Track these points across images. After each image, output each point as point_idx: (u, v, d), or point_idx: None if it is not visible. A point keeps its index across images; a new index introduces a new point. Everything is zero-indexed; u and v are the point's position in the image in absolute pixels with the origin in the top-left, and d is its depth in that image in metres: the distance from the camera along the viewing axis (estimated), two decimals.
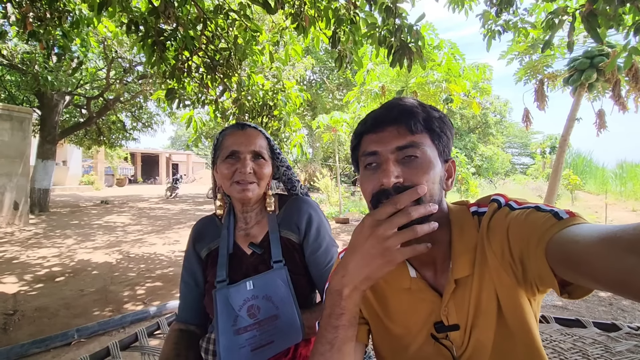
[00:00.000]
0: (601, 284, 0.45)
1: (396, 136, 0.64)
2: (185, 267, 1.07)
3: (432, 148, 0.65)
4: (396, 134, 0.64)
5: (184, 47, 2.91)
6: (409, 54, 2.42)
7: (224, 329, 0.88)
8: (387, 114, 0.66)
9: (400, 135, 0.64)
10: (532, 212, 0.59)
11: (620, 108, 6.63)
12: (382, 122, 0.66)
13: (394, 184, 0.61)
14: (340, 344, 0.63)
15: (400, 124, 0.64)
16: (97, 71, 10.46)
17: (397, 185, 0.61)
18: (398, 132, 0.64)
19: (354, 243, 0.62)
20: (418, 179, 0.61)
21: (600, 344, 1.21)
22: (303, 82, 16.30)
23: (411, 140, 0.63)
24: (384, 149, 0.64)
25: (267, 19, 6.32)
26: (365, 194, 0.67)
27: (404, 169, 0.62)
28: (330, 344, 0.63)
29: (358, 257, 0.60)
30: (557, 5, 4.15)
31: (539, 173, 19.15)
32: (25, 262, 4.66)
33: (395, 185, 0.61)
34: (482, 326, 0.64)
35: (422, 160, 0.63)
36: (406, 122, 0.64)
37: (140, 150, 29.18)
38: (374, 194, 0.64)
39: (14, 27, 3.41)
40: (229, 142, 0.97)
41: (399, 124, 0.64)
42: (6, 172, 7.30)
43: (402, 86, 8.05)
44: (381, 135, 0.65)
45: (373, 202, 0.64)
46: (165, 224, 8.22)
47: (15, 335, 2.62)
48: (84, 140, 13.36)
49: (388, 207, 0.58)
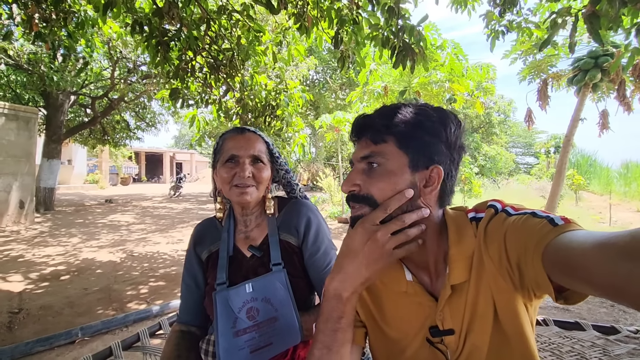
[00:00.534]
0: (596, 289, 0.46)
1: (363, 147, 0.69)
2: (186, 269, 1.08)
3: (398, 156, 0.65)
4: (364, 144, 0.69)
5: (187, 47, 2.93)
6: (412, 55, 2.42)
7: (224, 331, 0.89)
8: (353, 128, 0.72)
9: (365, 146, 0.68)
10: (529, 218, 0.59)
11: (625, 109, 6.57)
12: (354, 134, 0.72)
13: (349, 191, 0.68)
14: (339, 347, 0.64)
15: (365, 136, 0.69)
16: (102, 71, 10.53)
17: (353, 193, 0.67)
18: (365, 142, 0.69)
19: (352, 247, 0.64)
20: (371, 187, 0.66)
21: (599, 347, 1.21)
22: (306, 82, 16.30)
23: (371, 150, 0.67)
24: (354, 158, 0.70)
25: (270, 19, 6.33)
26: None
27: (365, 177, 0.67)
28: (327, 348, 0.64)
29: (358, 261, 0.63)
30: (561, 5, 4.14)
31: (543, 173, 19.03)
32: (30, 260, 4.71)
33: (350, 192, 0.68)
34: (477, 331, 0.65)
35: (381, 169, 0.66)
36: (367, 134, 0.68)
37: (144, 149, 29.32)
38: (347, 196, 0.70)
39: (19, 27, 3.45)
40: (229, 146, 0.99)
41: (365, 136, 0.69)
42: (12, 171, 7.37)
43: (404, 86, 8.03)
44: (356, 146, 0.71)
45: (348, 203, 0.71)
46: (169, 223, 8.27)
47: (20, 333, 2.66)
48: (89, 140, 13.46)
49: (379, 212, 0.63)
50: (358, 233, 0.64)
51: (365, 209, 0.66)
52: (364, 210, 0.66)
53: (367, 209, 0.65)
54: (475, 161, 20.44)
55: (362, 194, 0.66)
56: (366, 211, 0.65)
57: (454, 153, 0.68)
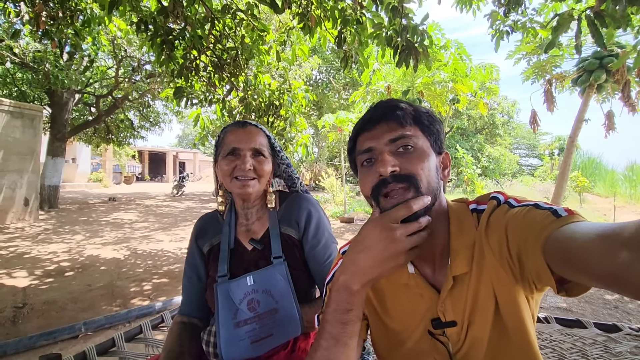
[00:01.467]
0: (597, 279, 0.46)
1: (387, 131, 0.67)
2: (188, 262, 1.09)
3: (423, 139, 0.68)
4: (387, 129, 0.67)
5: (192, 46, 2.95)
6: (415, 54, 2.42)
7: (225, 322, 0.90)
8: (375, 113, 0.70)
9: (391, 129, 0.67)
10: (531, 210, 0.59)
11: (629, 109, 6.53)
12: (372, 121, 0.69)
13: (391, 172, 0.64)
14: (347, 339, 0.64)
15: (389, 120, 0.68)
16: (107, 70, 10.59)
17: (395, 174, 0.64)
18: (389, 127, 0.67)
19: (366, 242, 0.63)
20: (414, 167, 0.64)
21: (600, 345, 1.21)
22: (309, 82, 16.30)
23: (402, 132, 0.66)
24: (378, 143, 0.67)
25: (274, 19, 6.35)
26: (365, 190, 0.69)
27: (400, 159, 0.65)
28: (335, 339, 0.64)
29: (372, 257, 0.62)
30: (566, 6, 4.12)
31: (547, 175, 18.92)
32: (35, 257, 4.74)
33: (393, 173, 0.64)
34: (478, 323, 0.65)
35: (415, 149, 0.66)
36: (394, 117, 0.67)
37: (147, 148, 29.47)
38: (373, 186, 0.66)
39: (27, 26, 3.49)
40: (230, 139, 1.00)
41: (388, 120, 0.68)
42: (17, 169, 7.43)
43: (408, 86, 8.02)
44: (373, 133, 0.68)
45: (373, 195, 0.67)
46: (172, 222, 8.30)
47: (24, 327, 2.68)
48: (93, 138, 13.54)
49: (401, 210, 0.61)
50: (377, 229, 0.62)
51: (411, 191, 0.63)
52: (410, 193, 0.63)
53: (413, 191, 0.63)
54: (479, 162, 20.36)
55: (404, 174, 0.64)
56: (411, 194, 0.63)
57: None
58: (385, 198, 0.65)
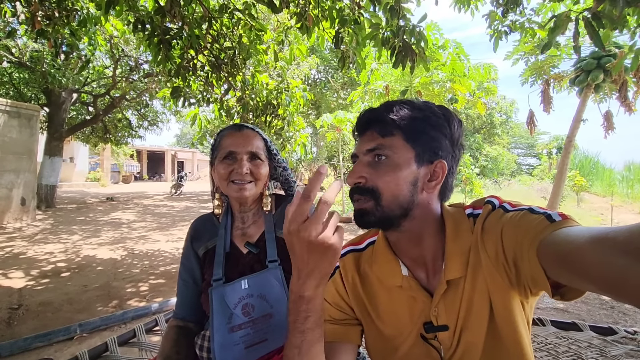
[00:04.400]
0: (594, 284, 0.46)
1: (368, 140, 0.69)
2: (183, 265, 1.08)
3: (404, 150, 0.66)
4: (368, 138, 0.69)
5: (189, 45, 2.94)
6: (412, 56, 2.42)
7: (219, 327, 0.89)
8: (360, 121, 0.72)
9: (370, 139, 0.68)
10: (526, 214, 0.59)
11: (626, 110, 6.55)
12: (360, 128, 0.72)
13: (354, 183, 0.67)
14: (308, 347, 0.61)
15: (371, 129, 0.69)
16: (104, 69, 10.55)
17: (359, 186, 0.67)
18: (370, 136, 0.69)
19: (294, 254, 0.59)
20: (378, 179, 0.66)
21: (596, 348, 1.20)
22: (307, 81, 16.29)
23: (379, 143, 0.67)
24: (359, 151, 0.70)
25: (272, 19, 6.33)
26: None
27: (371, 170, 0.67)
28: (297, 348, 0.61)
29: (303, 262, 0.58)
30: (564, 6, 4.12)
31: (545, 174, 18.97)
32: (31, 257, 4.72)
33: (357, 185, 0.67)
34: (472, 328, 0.65)
35: (388, 161, 0.66)
36: (374, 126, 0.68)
37: (146, 147, 29.38)
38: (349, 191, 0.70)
39: (23, 25, 3.46)
40: (227, 143, 0.99)
41: (370, 129, 0.69)
42: (14, 169, 7.39)
43: (406, 86, 8.02)
44: (360, 140, 0.71)
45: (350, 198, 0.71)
46: (170, 221, 8.28)
47: (19, 329, 2.67)
48: (91, 138, 13.48)
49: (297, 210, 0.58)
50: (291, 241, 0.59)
51: (370, 202, 0.65)
52: (369, 205, 0.65)
53: (372, 202, 0.65)
54: (477, 162, 20.40)
55: (367, 186, 0.66)
56: (370, 205, 0.65)
57: (455, 150, 0.70)
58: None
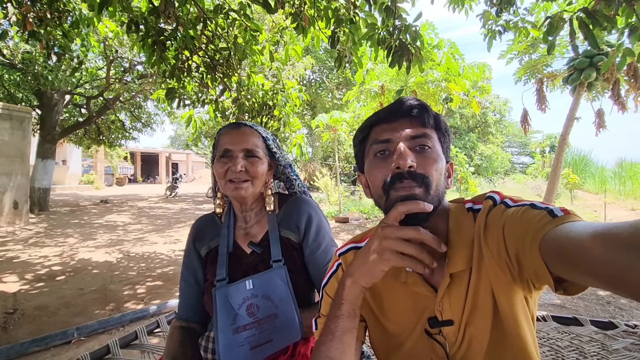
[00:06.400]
0: (597, 280, 0.45)
1: (409, 126, 0.67)
2: (185, 265, 1.07)
3: (439, 144, 0.69)
4: (409, 124, 0.68)
5: (184, 46, 2.92)
6: (408, 55, 2.42)
7: (223, 328, 0.89)
8: (400, 107, 0.69)
9: (413, 125, 0.68)
10: (528, 210, 0.59)
11: (619, 108, 6.62)
12: (396, 113, 0.69)
13: (409, 167, 0.63)
14: (341, 334, 0.66)
15: (413, 117, 0.68)
16: (97, 70, 10.45)
17: (411, 171, 0.63)
18: (411, 123, 0.68)
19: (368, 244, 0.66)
20: (429, 168, 0.64)
21: (597, 342, 1.22)
22: (303, 82, 16.29)
23: (424, 131, 0.67)
24: (398, 135, 0.67)
25: (267, 19, 6.32)
26: (376, 182, 0.68)
27: (417, 156, 0.65)
28: (332, 334, 0.66)
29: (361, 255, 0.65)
30: (556, 5, 4.16)
31: (539, 172, 19.15)
32: (25, 261, 4.66)
33: (410, 169, 0.63)
34: (477, 323, 0.65)
35: (432, 151, 0.67)
36: (419, 115, 0.68)
37: (139, 149, 29.19)
38: (387, 179, 0.65)
39: (14, 27, 3.42)
40: (223, 141, 0.98)
41: (412, 117, 0.68)
42: (6, 172, 7.30)
43: (401, 85, 8.04)
44: (394, 125, 0.69)
45: (385, 188, 0.66)
46: (165, 223, 8.23)
47: (16, 333, 2.63)
48: (84, 140, 13.34)
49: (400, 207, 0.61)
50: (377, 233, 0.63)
51: (422, 189, 0.63)
52: (420, 191, 0.63)
53: (423, 189, 0.63)
54: (472, 161, 20.54)
55: (419, 172, 0.63)
56: (421, 192, 0.63)
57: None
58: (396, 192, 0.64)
